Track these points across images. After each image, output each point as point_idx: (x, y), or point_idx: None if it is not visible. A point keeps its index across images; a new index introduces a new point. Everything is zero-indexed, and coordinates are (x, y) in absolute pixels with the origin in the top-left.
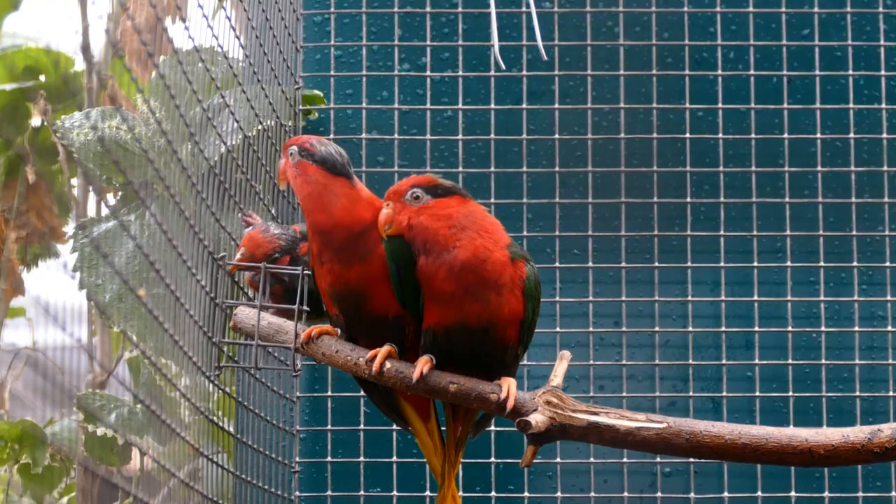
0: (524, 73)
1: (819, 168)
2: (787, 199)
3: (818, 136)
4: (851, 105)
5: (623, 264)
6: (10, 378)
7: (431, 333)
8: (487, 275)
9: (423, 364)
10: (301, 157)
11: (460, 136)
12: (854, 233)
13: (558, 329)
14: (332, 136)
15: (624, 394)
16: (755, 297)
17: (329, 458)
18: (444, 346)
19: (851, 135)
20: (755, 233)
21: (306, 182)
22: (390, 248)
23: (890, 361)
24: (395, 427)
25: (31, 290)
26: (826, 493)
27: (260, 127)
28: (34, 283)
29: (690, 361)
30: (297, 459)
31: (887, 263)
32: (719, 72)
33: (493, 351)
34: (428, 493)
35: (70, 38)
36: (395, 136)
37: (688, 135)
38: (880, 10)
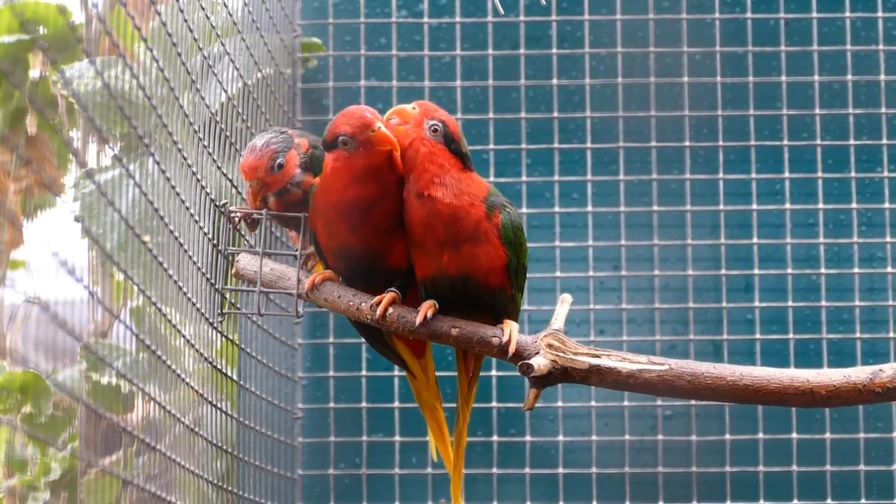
0: (522, 18)
1: (817, 110)
2: (785, 142)
3: (816, 78)
4: (849, 46)
5: (622, 208)
6: (11, 329)
7: (422, 284)
8: (461, 228)
9: (427, 308)
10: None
11: (458, 83)
12: (853, 174)
13: (558, 273)
14: (330, 83)
15: (624, 337)
16: (754, 240)
17: (331, 405)
18: (436, 294)
19: (849, 76)
20: (754, 175)
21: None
22: None
23: (890, 302)
24: (396, 373)
25: (33, 241)
26: (827, 434)
27: (259, 75)
28: (35, 235)
29: (690, 305)
30: (300, 406)
31: (886, 205)
32: (717, 15)
33: (482, 297)
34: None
35: None
36: (394, 82)
37: (685, 78)
38: None
